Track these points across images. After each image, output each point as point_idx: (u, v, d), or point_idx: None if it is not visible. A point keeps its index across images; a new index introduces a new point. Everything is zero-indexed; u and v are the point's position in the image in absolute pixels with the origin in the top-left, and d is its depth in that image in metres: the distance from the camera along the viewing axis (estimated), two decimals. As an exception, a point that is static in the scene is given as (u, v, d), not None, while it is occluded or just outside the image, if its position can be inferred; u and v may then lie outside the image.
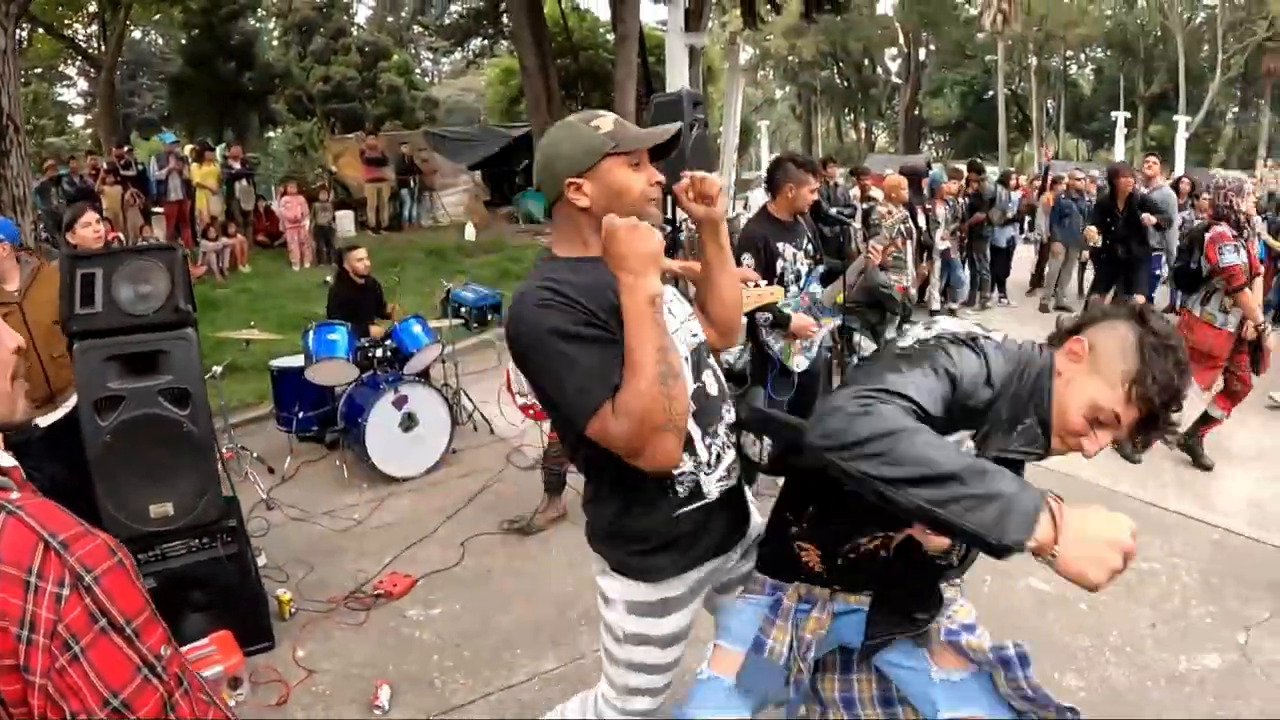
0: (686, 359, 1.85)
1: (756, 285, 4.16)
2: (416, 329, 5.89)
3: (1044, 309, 10.62)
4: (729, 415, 1.97)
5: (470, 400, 6.42)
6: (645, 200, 1.82)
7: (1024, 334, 5.72)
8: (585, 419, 1.67)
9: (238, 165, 14.81)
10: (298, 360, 6.01)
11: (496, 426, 6.21)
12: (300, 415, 5.93)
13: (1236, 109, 49.81)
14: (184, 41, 26.82)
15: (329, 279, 6.97)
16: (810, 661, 1.92)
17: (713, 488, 1.89)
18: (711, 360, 1.99)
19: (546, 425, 4.71)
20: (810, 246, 4.77)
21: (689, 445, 1.82)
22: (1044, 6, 44.67)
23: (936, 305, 10.01)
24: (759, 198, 8.95)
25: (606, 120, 1.84)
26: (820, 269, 4.77)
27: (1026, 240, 13.59)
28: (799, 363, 4.69)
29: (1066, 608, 3.69)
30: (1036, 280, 11.97)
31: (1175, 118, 35.21)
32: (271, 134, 27.89)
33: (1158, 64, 45.49)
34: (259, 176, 16.74)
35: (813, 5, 19.84)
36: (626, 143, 1.81)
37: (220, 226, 13.04)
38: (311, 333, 5.80)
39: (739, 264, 4.38)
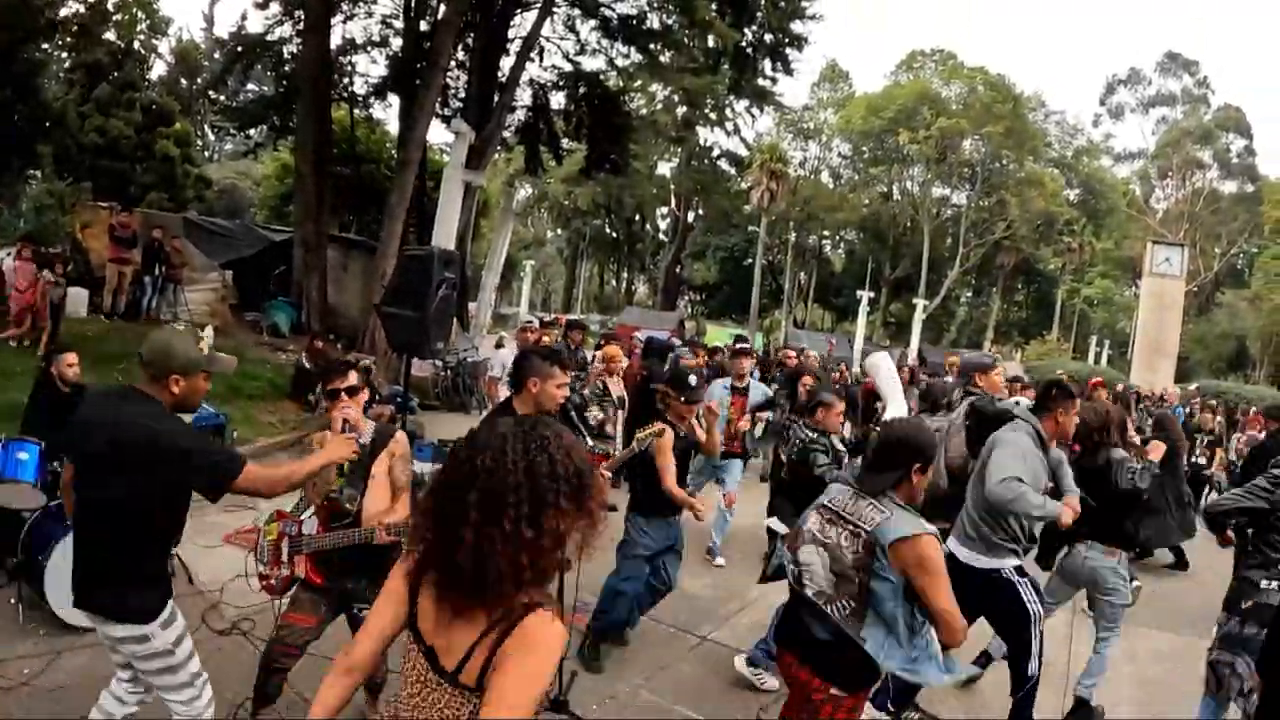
0: None
1: None
2: (121, 460, 5.46)
3: (762, 479, 10.53)
4: None
5: (171, 543, 5.87)
6: None
7: (750, 497, 6.39)
8: None
9: (-29, 214, 13.28)
10: (-18, 474, 5.49)
11: (197, 576, 5.67)
12: (-21, 542, 5.29)
13: (970, 294, 56.11)
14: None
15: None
16: None
17: None
18: None
19: (282, 603, 3.89)
20: None
21: None
22: (809, 190, 49.27)
23: None
24: (509, 356, 8.96)
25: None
26: None
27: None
28: None
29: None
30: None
31: (915, 300, 39.32)
32: (32, 173, 25.67)
33: (904, 251, 50.89)
34: (-5, 229, 15.27)
35: (594, 164, 20.80)
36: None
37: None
38: (2, 449, 5.34)
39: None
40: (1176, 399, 19.93)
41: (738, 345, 7.27)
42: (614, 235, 57.01)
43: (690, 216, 53.83)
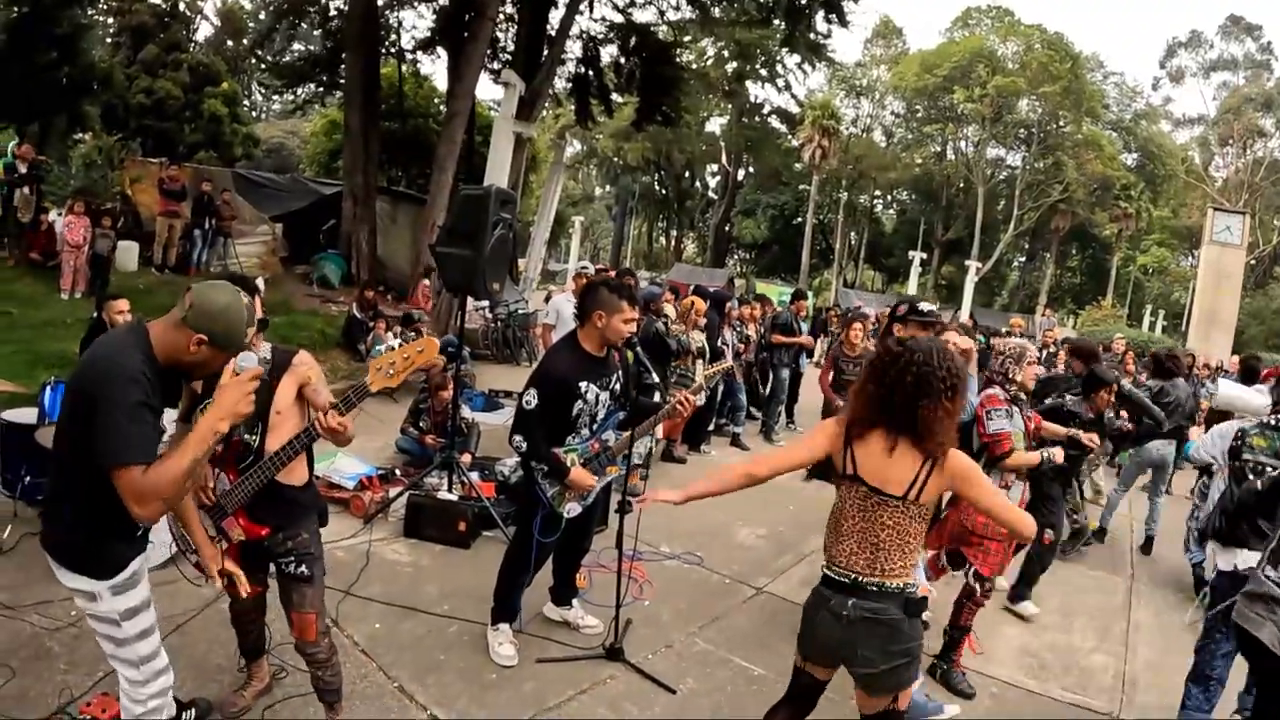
0: None
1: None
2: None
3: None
4: None
5: (218, 486, 5.83)
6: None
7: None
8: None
9: (24, 168, 12.96)
10: (33, 416, 5.46)
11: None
12: (28, 480, 5.15)
13: (1023, 259, 54.93)
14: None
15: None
16: None
17: None
18: None
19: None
20: (618, 386, 4.26)
21: None
22: (861, 148, 48.32)
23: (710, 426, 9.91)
24: (563, 302, 8.82)
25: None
26: (620, 414, 4.29)
27: (817, 365, 14.16)
28: (571, 509, 4.19)
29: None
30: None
31: (967, 262, 38.48)
32: (80, 137, 25.88)
33: (957, 212, 49.80)
34: (47, 186, 15.36)
35: (645, 115, 20.42)
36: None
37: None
38: (51, 390, 5.28)
39: (521, 407, 4.03)
40: (1237, 370, 19.12)
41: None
42: (663, 192, 56.51)
43: (740, 174, 53.19)
